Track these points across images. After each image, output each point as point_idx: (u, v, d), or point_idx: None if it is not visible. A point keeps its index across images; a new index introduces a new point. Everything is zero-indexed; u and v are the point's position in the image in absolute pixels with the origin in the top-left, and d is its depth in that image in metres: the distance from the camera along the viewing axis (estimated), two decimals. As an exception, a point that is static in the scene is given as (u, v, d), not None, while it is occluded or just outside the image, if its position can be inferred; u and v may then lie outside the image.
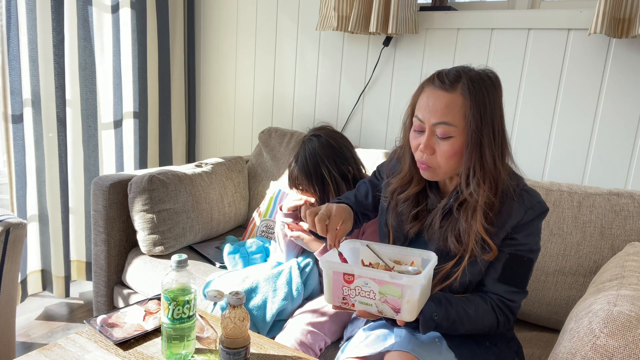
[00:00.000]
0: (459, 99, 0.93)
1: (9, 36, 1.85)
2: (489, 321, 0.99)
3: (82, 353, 0.99)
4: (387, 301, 0.86)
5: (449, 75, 0.95)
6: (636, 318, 0.78)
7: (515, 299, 1.01)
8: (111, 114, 2.28)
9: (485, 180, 0.95)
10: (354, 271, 0.87)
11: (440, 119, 0.93)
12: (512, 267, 0.99)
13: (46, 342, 1.86)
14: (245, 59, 2.43)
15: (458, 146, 0.94)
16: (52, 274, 2.13)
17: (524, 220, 0.98)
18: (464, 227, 0.97)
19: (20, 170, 1.98)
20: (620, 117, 1.57)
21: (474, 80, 0.93)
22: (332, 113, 2.18)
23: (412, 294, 0.84)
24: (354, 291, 0.88)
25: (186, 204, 1.78)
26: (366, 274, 0.87)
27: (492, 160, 0.94)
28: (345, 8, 1.90)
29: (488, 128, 0.93)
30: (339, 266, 0.90)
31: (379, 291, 0.86)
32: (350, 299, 0.90)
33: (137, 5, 2.25)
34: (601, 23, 1.43)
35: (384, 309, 0.87)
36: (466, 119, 0.92)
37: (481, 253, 0.97)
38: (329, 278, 0.91)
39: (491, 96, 0.94)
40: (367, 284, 0.86)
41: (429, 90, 0.97)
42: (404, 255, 0.99)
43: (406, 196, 1.07)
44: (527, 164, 1.74)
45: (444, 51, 1.85)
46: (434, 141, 0.96)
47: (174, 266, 0.95)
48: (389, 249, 1.01)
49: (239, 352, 0.91)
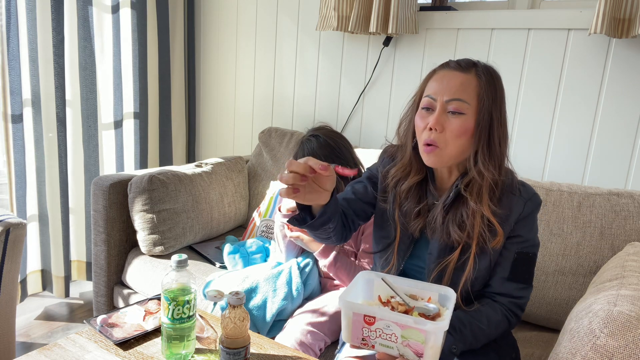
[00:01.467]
0: (474, 80, 0.96)
1: (8, 36, 1.85)
2: (503, 328, 1.01)
3: (82, 353, 0.99)
4: (409, 345, 0.83)
5: (464, 61, 0.99)
6: (636, 318, 0.78)
7: (524, 294, 1.03)
8: (111, 114, 2.28)
9: (491, 161, 0.97)
10: (375, 314, 0.84)
11: (454, 96, 0.95)
12: (520, 265, 1.01)
13: (46, 342, 1.86)
14: (245, 59, 2.43)
15: (469, 124, 0.95)
16: (52, 274, 2.13)
17: (525, 213, 1.00)
18: (471, 209, 0.97)
19: (20, 170, 1.98)
20: (621, 117, 1.57)
21: (488, 68, 0.99)
22: (332, 113, 2.18)
23: (437, 339, 0.81)
24: (374, 333, 0.84)
25: (186, 204, 1.78)
26: (389, 317, 0.83)
27: (498, 145, 0.97)
28: (345, 8, 1.90)
29: (498, 112, 0.96)
30: (360, 307, 0.85)
31: (401, 335, 0.82)
32: (370, 340, 0.86)
33: (138, 5, 2.25)
34: (601, 23, 1.43)
35: (406, 353, 0.84)
36: (479, 99, 0.95)
37: (490, 237, 0.97)
38: (348, 318, 0.87)
39: (500, 85, 0.99)
40: (388, 326, 0.83)
41: (442, 72, 0.99)
42: (420, 289, 0.95)
43: (407, 186, 1.06)
44: (527, 164, 1.74)
45: (444, 51, 1.85)
46: (445, 118, 0.96)
47: (174, 266, 0.95)
48: (405, 282, 0.96)
49: (239, 352, 0.91)
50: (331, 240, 1.09)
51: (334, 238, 1.08)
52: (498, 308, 1.01)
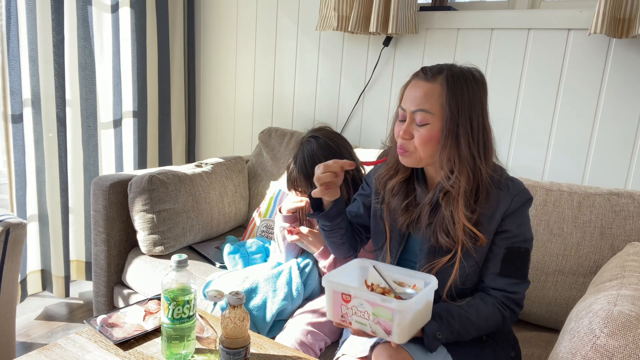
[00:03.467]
0: (437, 89, 0.99)
1: (8, 36, 1.85)
2: (494, 321, 1.01)
3: (82, 353, 0.99)
4: (379, 323, 0.89)
5: (432, 69, 1.02)
6: (636, 318, 0.78)
7: (519, 290, 1.03)
8: (111, 114, 2.28)
9: (462, 170, 0.99)
10: (350, 292, 0.91)
11: (419, 107, 0.99)
12: (511, 260, 1.01)
13: (46, 342, 1.86)
14: (245, 58, 2.43)
15: (434, 133, 0.99)
16: (51, 274, 2.13)
17: (512, 208, 1.01)
18: (449, 218, 1.01)
19: (20, 170, 1.98)
20: (620, 117, 1.57)
21: (455, 74, 0.99)
22: (332, 113, 2.18)
23: (403, 318, 0.86)
24: (350, 310, 0.92)
25: (186, 204, 1.78)
26: (361, 295, 0.90)
27: (469, 152, 0.98)
28: (345, 8, 1.90)
29: (464, 119, 0.97)
30: (337, 286, 0.93)
31: (372, 312, 0.89)
32: (347, 318, 0.93)
33: (137, 4, 2.25)
34: (601, 23, 1.43)
35: (377, 330, 0.90)
36: (442, 108, 0.98)
37: (472, 244, 1.00)
38: (329, 296, 0.95)
39: (471, 90, 0.99)
40: (362, 304, 0.90)
41: (413, 82, 1.04)
42: (408, 277, 1.01)
43: (393, 185, 1.11)
44: (527, 164, 1.74)
45: (444, 51, 1.85)
46: (413, 127, 1.01)
47: (174, 266, 0.95)
48: (395, 270, 1.02)
49: (239, 352, 0.91)
50: (345, 247, 1.21)
51: (347, 244, 1.21)
52: (490, 301, 1.02)
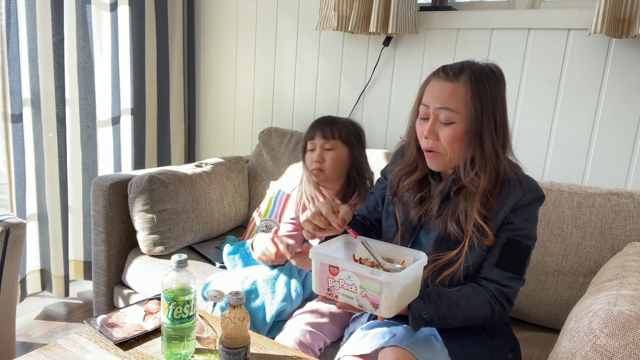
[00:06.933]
0: (462, 88, 0.98)
1: (8, 36, 1.85)
2: (483, 311, 1.00)
3: (82, 353, 0.99)
4: (367, 296, 0.89)
5: (453, 68, 1.00)
6: (636, 318, 0.78)
7: (512, 284, 1.02)
8: (109, 113, 2.28)
9: (486, 169, 0.99)
10: (338, 264, 0.91)
11: (443, 105, 0.98)
12: (509, 252, 1.01)
13: (46, 342, 1.86)
14: (245, 58, 2.43)
15: (459, 132, 0.98)
16: (51, 274, 2.13)
17: (522, 203, 1.00)
18: (462, 211, 1.01)
19: (19, 170, 1.98)
20: (621, 117, 1.57)
21: (477, 72, 0.99)
22: (332, 113, 2.18)
23: (391, 291, 0.86)
24: (337, 283, 0.92)
25: (186, 204, 1.78)
26: (349, 268, 0.90)
27: (492, 150, 0.98)
28: (345, 8, 1.89)
29: (488, 117, 0.97)
30: (324, 258, 0.93)
31: (360, 285, 0.89)
32: (334, 291, 0.93)
33: (135, 2, 2.24)
34: (601, 23, 1.43)
35: (364, 303, 0.90)
36: (467, 107, 0.97)
37: (480, 238, 1.00)
38: (316, 268, 0.94)
39: (493, 87, 0.99)
40: (349, 277, 0.89)
41: (434, 81, 1.02)
42: (397, 253, 1.01)
43: (409, 182, 1.10)
44: (527, 164, 1.72)
45: (444, 51, 1.85)
46: (437, 127, 1.00)
47: (174, 266, 0.95)
48: (384, 246, 1.02)
49: (239, 352, 0.91)
50: None
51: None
52: (481, 291, 1.01)
